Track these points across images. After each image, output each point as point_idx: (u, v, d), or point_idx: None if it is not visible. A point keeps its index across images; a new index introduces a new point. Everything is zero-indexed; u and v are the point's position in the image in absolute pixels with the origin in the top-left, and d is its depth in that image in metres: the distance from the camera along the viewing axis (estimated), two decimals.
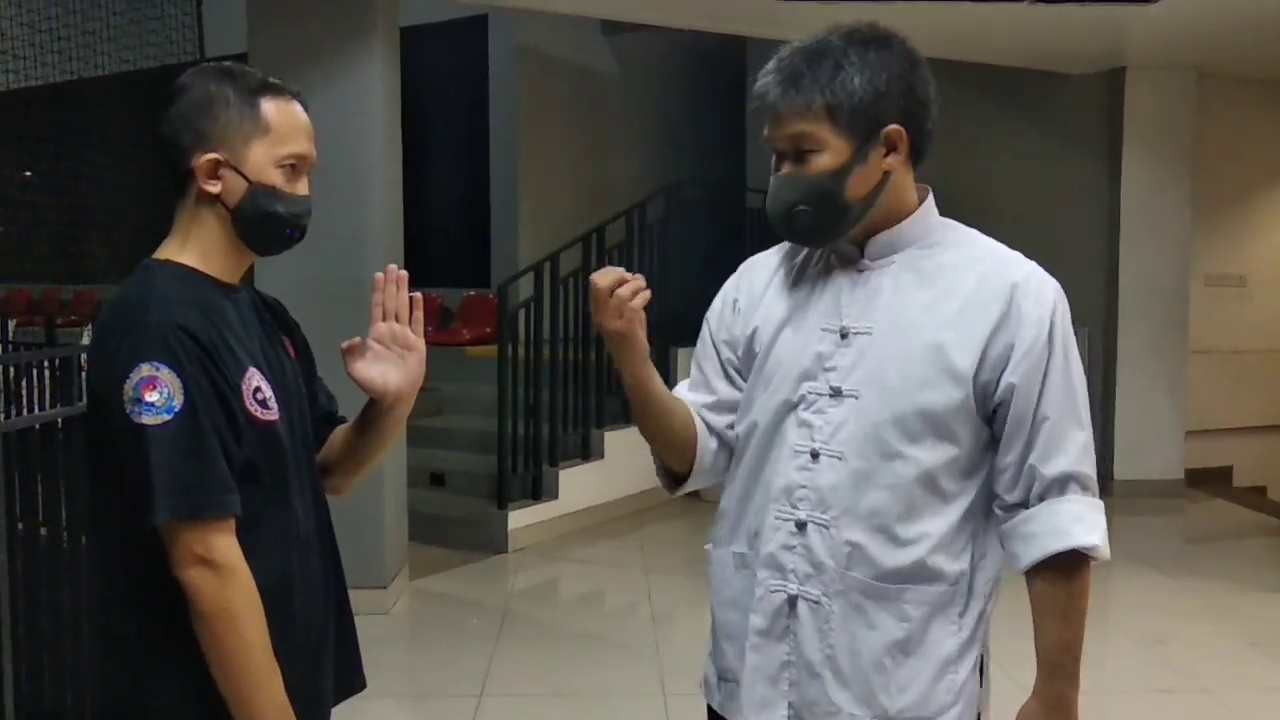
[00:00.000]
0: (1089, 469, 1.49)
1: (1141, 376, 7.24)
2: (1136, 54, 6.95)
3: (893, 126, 1.48)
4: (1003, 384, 1.47)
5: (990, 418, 1.50)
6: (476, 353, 7.36)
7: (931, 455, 1.48)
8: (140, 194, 9.49)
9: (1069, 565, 1.47)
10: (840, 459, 1.50)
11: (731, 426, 1.65)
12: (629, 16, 6.92)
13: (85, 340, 8.04)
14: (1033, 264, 1.53)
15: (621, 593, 5.51)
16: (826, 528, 1.50)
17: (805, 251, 1.63)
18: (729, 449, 1.66)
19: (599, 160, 8.66)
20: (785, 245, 1.67)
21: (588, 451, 6.51)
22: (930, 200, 1.57)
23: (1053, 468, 1.47)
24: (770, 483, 1.56)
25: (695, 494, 6.63)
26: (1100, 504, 1.50)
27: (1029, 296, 1.47)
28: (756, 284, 1.65)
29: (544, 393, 6.15)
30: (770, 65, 1.51)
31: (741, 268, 1.72)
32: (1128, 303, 7.24)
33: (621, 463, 6.65)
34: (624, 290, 1.54)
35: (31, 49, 9.80)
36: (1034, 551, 1.48)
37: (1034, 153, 7.58)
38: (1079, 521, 1.46)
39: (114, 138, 9.98)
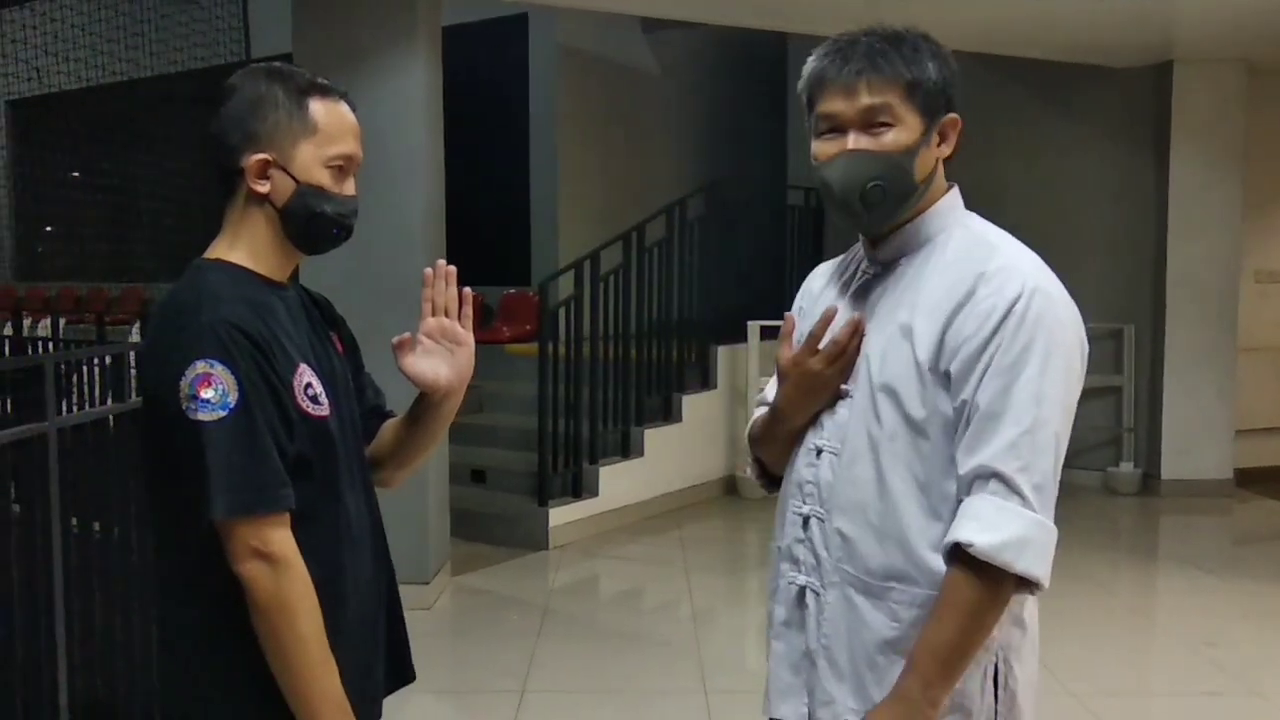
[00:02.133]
0: (1011, 470, 1.39)
1: (1190, 375, 7.13)
2: (1184, 48, 6.83)
3: (952, 115, 1.53)
4: (952, 373, 1.45)
5: None
6: (517, 350, 7.39)
7: (910, 451, 1.47)
8: (187, 193, 9.64)
9: (967, 568, 1.39)
10: (836, 455, 1.54)
11: None
12: (669, 14, 6.92)
13: (134, 338, 8.17)
14: (1020, 259, 1.48)
15: (662, 590, 5.51)
16: (823, 521, 1.55)
17: (850, 255, 1.66)
18: None
19: (639, 158, 8.66)
20: (841, 256, 1.71)
21: (628, 449, 6.53)
22: (953, 195, 1.57)
23: (971, 461, 1.41)
24: (790, 479, 1.63)
25: (735, 492, 6.58)
26: (1024, 513, 1.39)
27: (989, 285, 1.44)
28: (814, 289, 1.72)
29: (584, 390, 6.17)
30: (828, 47, 1.52)
31: (810, 275, 1.78)
32: (1176, 300, 7.13)
33: (661, 460, 6.66)
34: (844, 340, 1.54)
35: (82, 51, 9.98)
36: (943, 546, 1.44)
37: (1080, 148, 7.48)
38: (974, 519, 1.39)
39: (161, 138, 10.13)
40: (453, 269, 1.65)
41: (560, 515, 6.01)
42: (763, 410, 1.74)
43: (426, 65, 4.85)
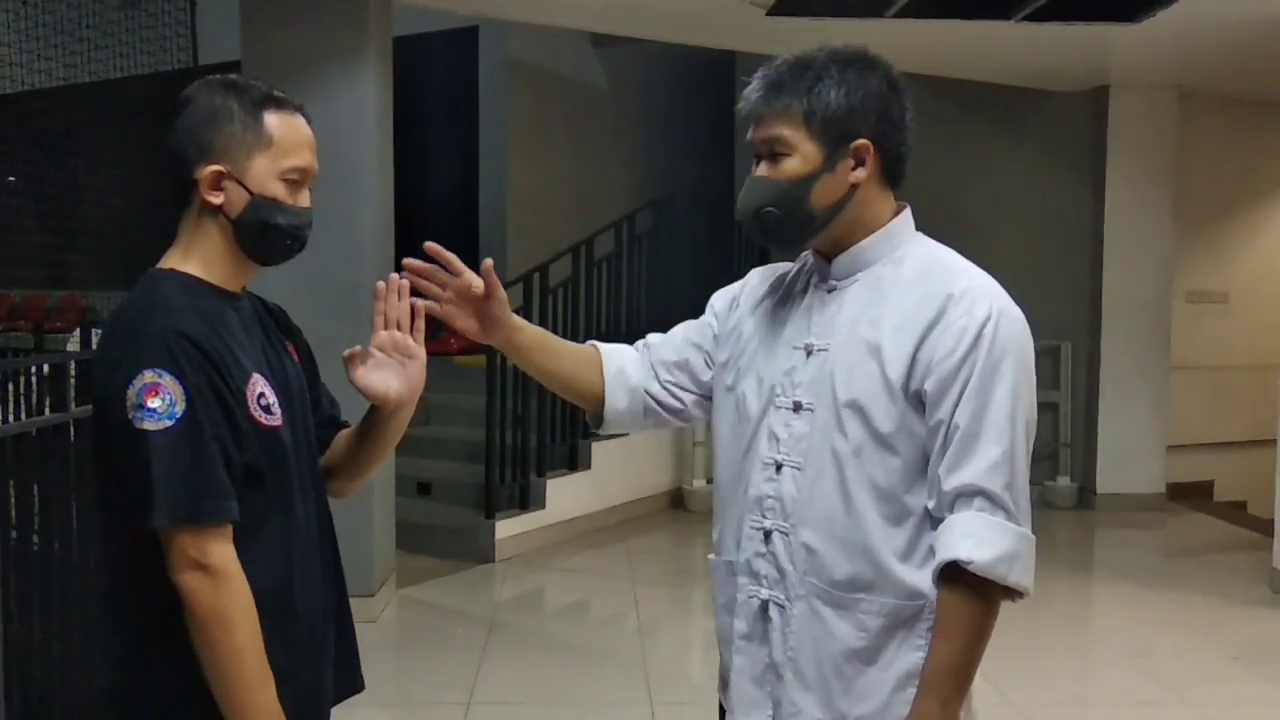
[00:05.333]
0: (999, 487, 1.45)
1: (1124, 391, 7.31)
2: (1119, 72, 7.03)
3: (861, 140, 1.53)
4: (925, 392, 1.48)
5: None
6: (465, 362, 7.36)
7: (877, 466, 1.50)
8: (129, 201, 9.48)
9: (963, 585, 1.45)
10: (799, 469, 1.55)
11: (671, 389, 1.75)
12: (618, 30, 6.96)
13: (71, 346, 8.01)
14: (983, 281, 1.53)
15: (608, 603, 5.53)
16: (787, 535, 1.56)
17: (801, 267, 1.69)
18: (658, 406, 1.76)
19: (588, 172, 8.69)
20: (785, 265, 1.73)
21: (575, 462, 6.54)
22: (904, 217, 1.60)
23: (955, 479, 1.46)
24: (746, 493, 1.62)
25: (681, 505, 6.60)
26: (1011, 528, 1.45)
27: (959, 306, 1.48)
28: (759, 292, 1.72)
29: (532, 402, 6.17)
30: (758, 73, 1.58)
31: (756, 271, 1.77)
32: (1110, 318, 7.30)
33: (608, 473, 6.68)
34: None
35: (24, 55, 9.78)
36: (934, 567, 1.47)
37: (1018, 169, 7.64)
38: (967, 535, 1.44)
39: (105, 144, 9.96)
40: (405, 282, 1.67)
41: (507, 528, 6.00)
42: (625, 347, 1.81)
43: (376, 76, 4.84)
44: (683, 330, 1.79)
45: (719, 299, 1.78)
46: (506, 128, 8.18)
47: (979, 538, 1.43)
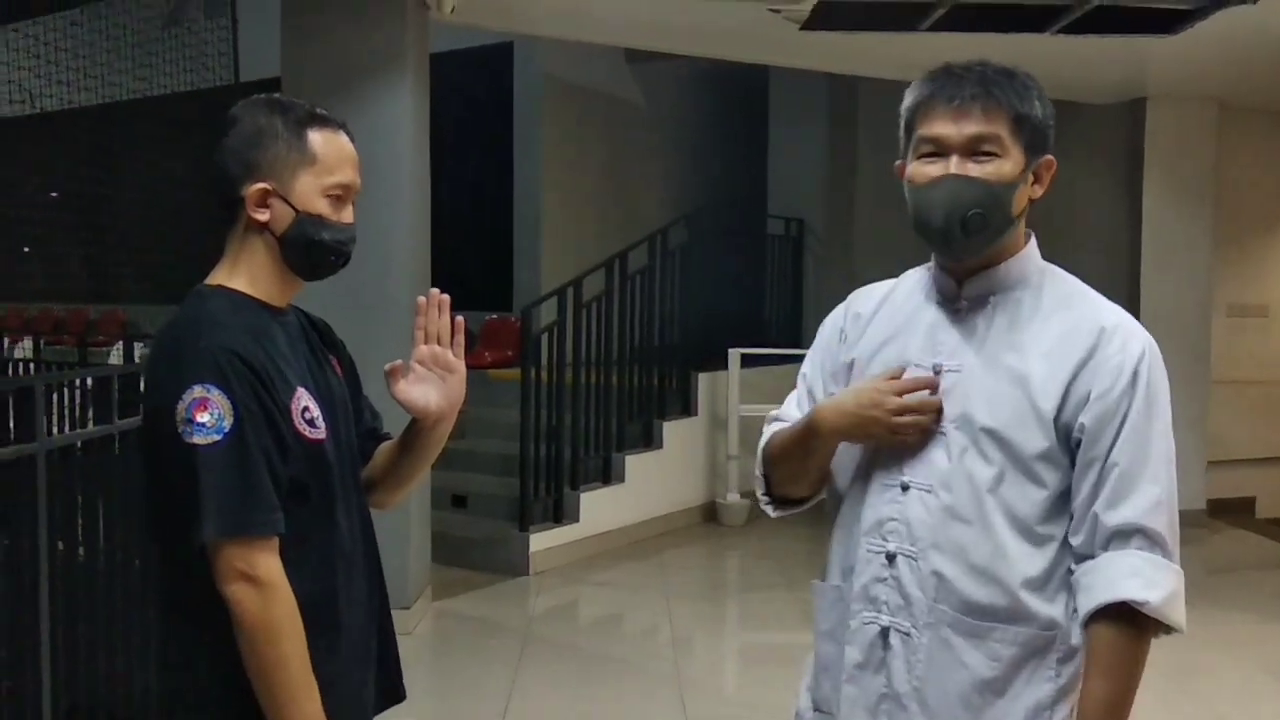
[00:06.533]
0: (1160, 526, 1.44)
1: None
2: (1157, 84, 6.98)
3: (1048, 157, 1.53)
4: (1077, 426, 1.46)
5: (1074, 460, 1.49)
6: (499, 375, 7.42)
7: (1017, 495, 1.47)
8: (170, 216, 9.63)
9: (1125, 623, 1.42)
10: (929, 492, 1.50)
11: None
12: (652, 45, 7.01)
13: (113, 359, 8.14)
14: (1128, 315, 1.53)
15: (642, 616, 5.53)
16: (915, 559, 1.51)
17: (908, 286, 1.64)
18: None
19: (622, 186, 8.74)
20: (889, 282, 1.67)
21: (609, 475, 6.55)
22: (1034, 244, 1.58)
23: (1116, 517, 1.43)
24: (862, 516, 1.56)
25: (715, 519, 6.58)
26: (1171, 567, 1.44)
27: (1113, 342, 1.48)
28: (864, 314, 1.66)
29: (566, 416, 6.20)
30: (939, 72, 1.52)
31: (849, 298, 1.72)
32: (1149, 333, 7.18)
33: (642, 486, 6.69)
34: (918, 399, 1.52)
35: (67, 73, 9.98)
36: (1088, 603, 1.44)
37: (1055, 182, 7.59)
38: (1135, 575, 1.42)
39: (146, 160, 10.13)
40: (446, 297, 1.69)
41: (541, 541, 6.02)
42: (779, 426, 1.69)
43: (414, 92, 4.90)
44: (795, 406, 1.71)
45: (828, 331, 1.70)
46: (541, 142, 8.24)
47: (1146, 578, 1.42)
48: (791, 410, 1.71)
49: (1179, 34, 5.32)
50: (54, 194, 12.21)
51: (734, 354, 7.15)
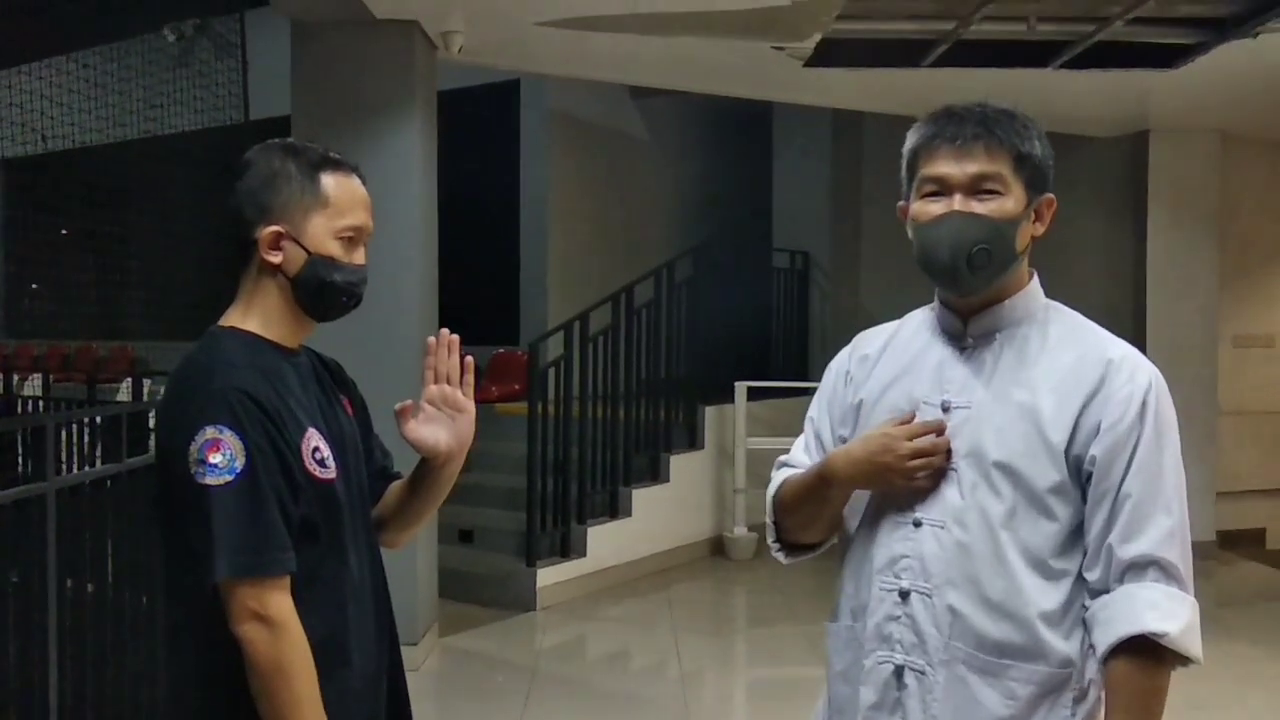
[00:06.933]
0: (1174, 557, 1.44)
1: None
2: (1158, 117, 7.02)
3: (1048, 195, 1.56)
4: (1088, 458, 1.46)
5: (1085, 494, 1.49)
6: (506, 410, 7.42)
7: (1030, 529, 1.47)
8: (179, 254, 9.70)
9: (1144, 657, 1.42)
10: (942, 528, 1.51)
11: None
12: (656, 83, 7.07)
13: (121, 396, 8.18)
14: (1133, 348, 1.54)
15: (650, 651, 5.50)
16: (929, 596, 1.51)
17: (912, 326, 1.66)
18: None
19: (628, 220, 8.79)
20: (893, 323, 1.69)
21: (615, 509, 6.54)
22: (1037, 281, 1.60)
23: (1130, 550, 1.43)
24: (874, 554, 1.56)
25: (722, 553, 6.54)
26: (1187, 598, 1.44)
27: (1121, 374, 1.48)
28: (870, 355, 1.67)
29: (573, 450, 6.20)
30: (940, 112, 1.55)
31: (854, 341, 1.73)
32: (1156, 365, 7.18)
33: (649, 521, 6.68)
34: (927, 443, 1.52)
35: (78, 112, 10.09)
36: (1106, 637, 1.43)
37: (1060, 215, 7.60)
38: (1153, 608, 1.41)
39: (156, 198, 10.22)
40: (455, 337, 1.70)
41: (548, 576, 6.01)
42: (789, 472, 1.69)
43: (423, 130, 4.95)
44: (804, 451, 1.71)
45: (834, 375, 1.71)
46: (547, 178, 8.30)
47: (1164, 610, 1.41)
48: (800, 455, 1.71)
49: (1179, 69, 5.37)
50: (64, 231, 12.30)
51: (740, 387, 7.16)
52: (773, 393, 7.37)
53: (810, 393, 1.78)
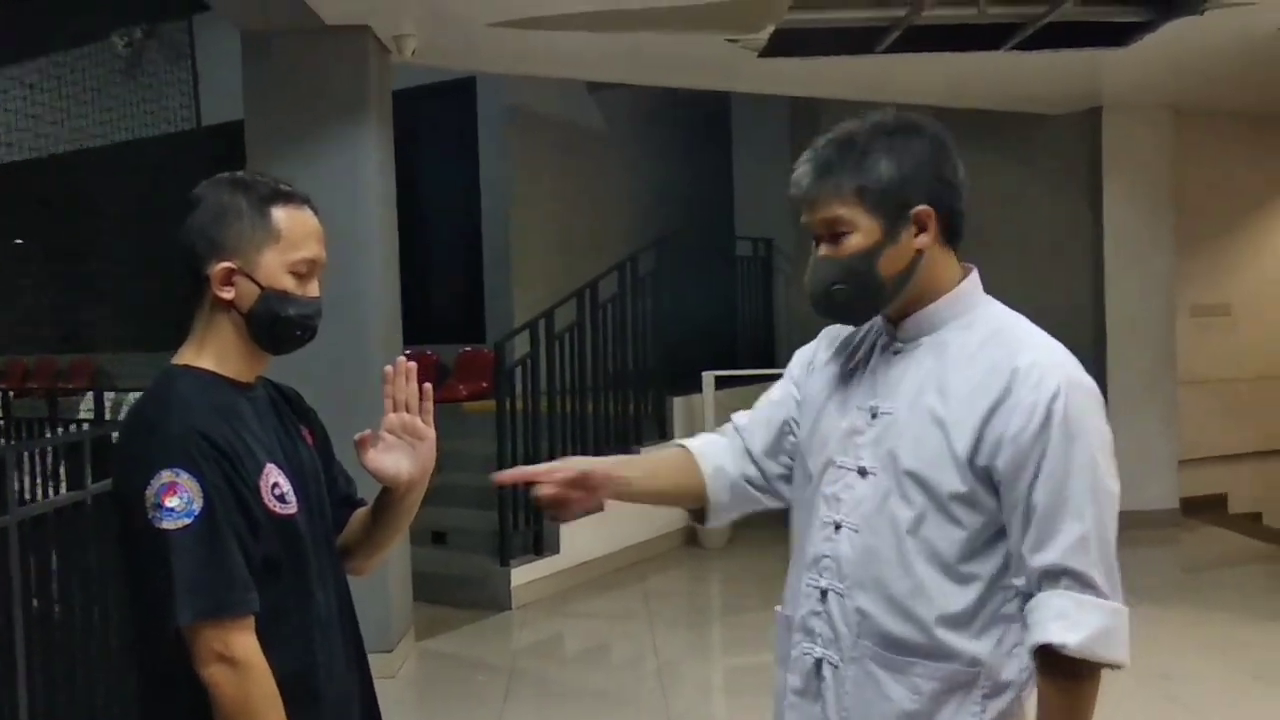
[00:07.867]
0: (1085, 564, 1.44)
1: (1133, 409, 7.30)
2: (1111, 94, 7.09)
3: (921, 207, 1.54)
4: (995, 469, 1.48)
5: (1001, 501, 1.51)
6: (473, 408, 7.41)
7: (938, 534, 1.50)
8: (138, 262, 9.59)
9: (1055, 667, 1.45)
10: (856, 532, 1.56)
11: (770, 477, 1.76)
12: (613, 77, 7.05)
13: (84, 410, 8.07)
14: (1050, 353, 1.52)
15: (627, 646, 5.53)
16: (842, 596, 1.57)
17: (870, 328, 1.68)
18: (758, 493, 1.78)
19: (590, 214, 8.77)
20: (844, 329, 1.73)
21: None
22: (971, 279, 1.60)
23: (1041, 559, 1.45)
24: (806, 552, 1.63)
25: (696, 542, 6.56)
26: (1103, 604, 1.45)
27: (1026, 383, 1.47)
28: (829, 352, 1.73)
29: (543, 446, 6.20)
30: (804, 156, 1.60)
31: (823, 333, 1.77)
32: (1115, 337, 7.33)
33: (621, 513, 6.62)
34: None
35: (31, 121, 9.94)
36: (1027, 645, 1.48)
37: (1016, 194, 7.69)
38: (1060, 617, 1.43)
39: (112, 206, 10.09)
40: (413, 365, 1.70)
41: (522, 574, 6.01)
42: (714, 438, 1.83)
43: (378, 133, 4.91)
44: (768, 410, 1.78)
45: (797, 364, 1.78)
46: (507, 175, 8.27)
47: (1070, 619, 1.43)
48: (741, 417, 1.82)
49: (1129, 46, 5.42)
50: (18, 240, 12.12)
51: (708, 377, 7.18)
52: (740, 380, 7.40)
53: (777, 379, 1.83)
